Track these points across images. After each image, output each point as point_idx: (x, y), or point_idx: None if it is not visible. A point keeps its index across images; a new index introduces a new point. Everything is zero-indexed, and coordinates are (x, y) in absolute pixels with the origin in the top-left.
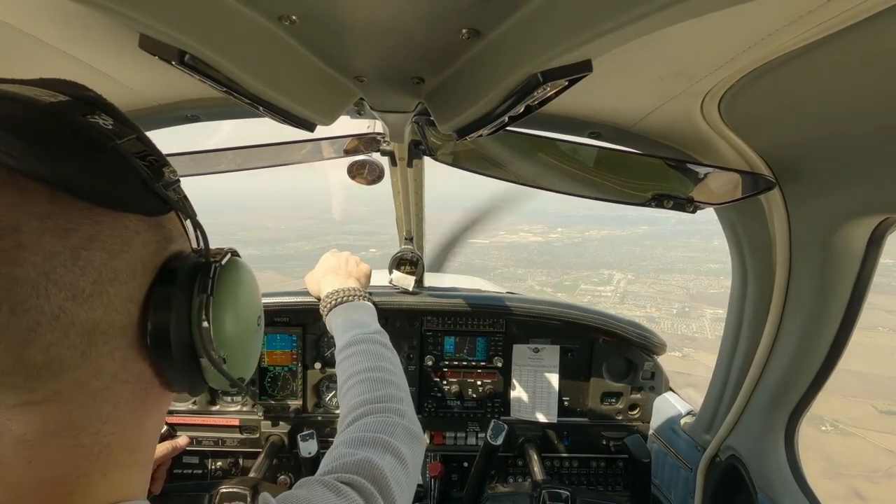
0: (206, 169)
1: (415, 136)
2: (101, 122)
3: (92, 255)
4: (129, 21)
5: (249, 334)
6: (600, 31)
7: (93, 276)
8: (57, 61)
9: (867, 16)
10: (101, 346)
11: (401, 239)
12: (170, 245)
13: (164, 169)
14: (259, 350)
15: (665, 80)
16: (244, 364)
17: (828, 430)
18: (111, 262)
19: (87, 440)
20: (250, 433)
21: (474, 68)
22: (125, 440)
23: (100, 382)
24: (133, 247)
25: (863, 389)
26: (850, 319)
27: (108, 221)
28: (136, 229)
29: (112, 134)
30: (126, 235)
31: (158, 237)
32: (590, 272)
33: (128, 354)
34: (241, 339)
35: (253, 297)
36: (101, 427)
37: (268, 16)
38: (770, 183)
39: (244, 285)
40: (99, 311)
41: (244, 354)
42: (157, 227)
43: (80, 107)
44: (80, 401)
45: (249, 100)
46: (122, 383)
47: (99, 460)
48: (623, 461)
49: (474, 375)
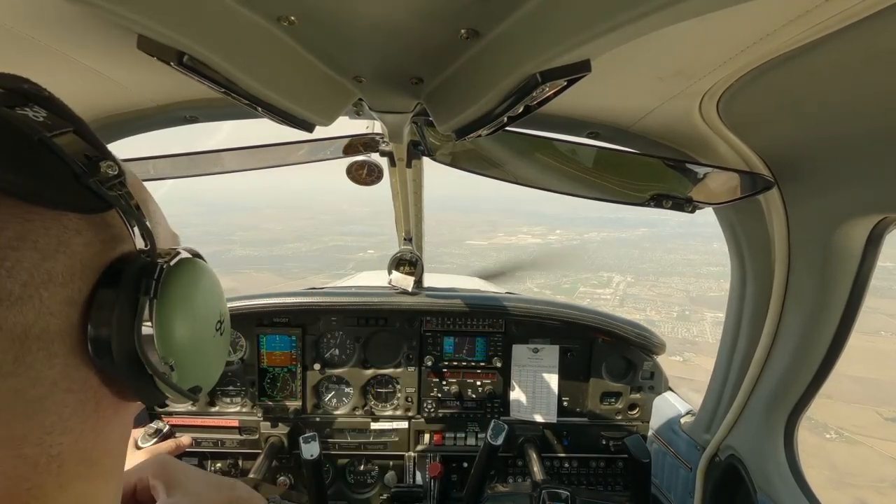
0: (206, 170)
1: (414, 137)
2: (30, 114)
3: (21, 255)
4: (127, 22)
5: (205, 341)
6: (599, 32)
7: (23, 278)
8: (56, 63)
9: (864, 16)
10: (37, 352)
11: (400, 239)
12: (118, 245)
13: (101, 163)
14: (222, 357)
15: (664, 80)
16: (199, 373)
17: (832, 438)
18: (44, 263)
19: (30, 451)
20: (249, 434)
21: (473, 69)
22: (80, 451)
23: (38, 391)
24: (72, 247)
25: (867, 395)
26: (848, 319)
27: (40, 220)
28: (75, 228)
29: (42, 126)
30: (63, 235)
31: (103, 237)
32: (589, 274)
33: (69, 361)
34: (193, 346)
35: (209, 300)
36: (45, 437)
37: (266, 16)
38: (769, 182)
39: (197, 287)
40: (30, 314)
41: (199, 362)
42: (102, 226)
43: (7, 98)
44: (17, 410)
45: (248, 100)
46: (64, 391)
47: (50, 471)
48: (623, 461)
49: (474, 376)
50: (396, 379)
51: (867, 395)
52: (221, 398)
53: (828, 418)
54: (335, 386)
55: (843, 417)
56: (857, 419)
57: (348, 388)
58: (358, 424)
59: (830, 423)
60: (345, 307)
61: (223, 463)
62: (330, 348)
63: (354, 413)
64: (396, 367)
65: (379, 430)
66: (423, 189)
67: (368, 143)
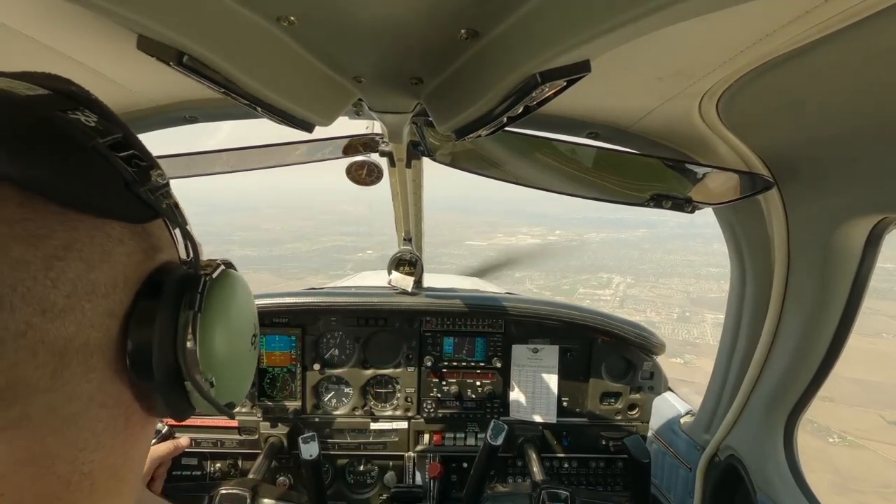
0: (205, 170)
1: (413, 137)
2: (82, 118)
3: (67, 265)
4: (127, 22)
5: (242, 356)
6: (599, 32)
7: (67, 289)
8: (55, 62)
9: (864, 16)
10: (75, 366)
11: (399, 239)
12: (157, 255)
13: (151, 172)
14: (253, 372)
15: (663, 80)
16: (235, 388)
17: (835, 442)
18: (89, 274)
19: (62, 469)
20: (249, 434)
21: (473, 69)
22: (110, 467)
23: (74, 406)
24: (115, 257)
25: (869, 399)
26: (848, 319)
27: (86, 228)
28: (118, 238)
29: (94, 132)
30: (107, 244)
31: (145, 246)
32: (589, 275)
33: (105, 375)
34: (232, 361)
35: (247, 314)
36: (77, 455)
37: (266, 16)
38: (768, 183)
39: (238, 301)
40: (72, 327)
41: (235, 377)
42: (144, 235)
43: (59, 101)
44: (51, 426)
45: (248, 100)
46: (99, 407)
47: (81, 490)
48: (622, 461)
49: (473, 376)
50: (396, 379)
51: (870, 398)
52: None
53: (830, 421)
54: (335, 386)
55: (845, 421)
56: (860, 422)
57: (348, 389)
58: (357, 425)
59: (833, 427)
60: (344, 307)
61: (223, 463)
62: (330, 348)
63: (354, 413)
64: (396, 368)
65: (378, 430)
66: (423, 189)
67: (368, 143)
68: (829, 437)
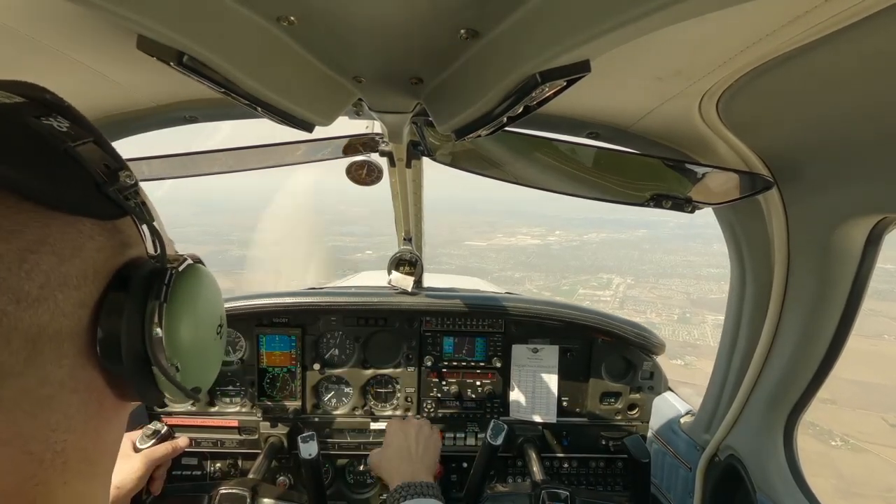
0: (205, 169)
1: (413, 137)
2: (55, 124)
3: (40, 258)
4: (127, 22)
5: (207, 344)
6: (598, 32)
7: (40, 280)
8: (54, 63)
9: (865, 16)
10: (48, 352)
11: (399, 239)
12: (127, 251)
13: (119, 173)
14: (220, 360)
15: (663, 80)
16: (201, 374)
17: (838, 446)
18: (61, 267)
19: (36, 447)
20: (249, 434)
21: (473, 69)
22: (82, 449)
23: (46, 390)
24: (85, 251)
25: (872, 401)
26: (848, 318)
27: (58, 225)
28: (89, 233)
29: (65, 136)
30: (79, 240)
31: (114, 242)
32: (588, 276)
33: (77, 362)
34: (197, 348)
35: (212, 305)
36: (50, 434)
37: (266, 16)
38: (768, 183)
39: (202, 293)
40: (45, 316)
41: (200, 364)
42: (114, 231)
43: (33, 108)
44: (25, 408)
45: (248, 100)
46: (70, 391)
47: (55, 468)
48: (622, 461)
49: (473, 376)
50: (396, 379)
51: (872, 401)
52: (221, 398)
53: (833, 424)
54: (335, 386)
55: (848, 424)
56: (863, 426)
57: (348, 388)
58: (357, 424)
59: (835, 430)
60: (344, 307)
61: (222, 463)
62: (329, 348)
63: (354, 413)
64: (396, 367)
65: (379, 430)
66: (423, 189)
67: (368, 143)
68: (831, 441)
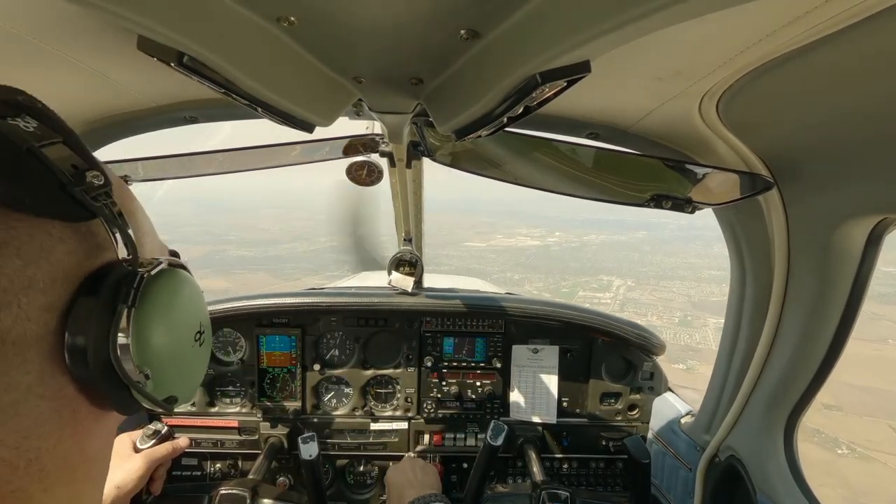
0: (205, 170)
1: (414, 137)
2: (21, 124)
3: (3, 261)
4: (127, 23)
5: (183, 351)
6: (599, 32)
7: (2, 284)
8: (55, 63)
9: (865, 16)
10: (12, 357)
11: (400, 240)
12: (102, 254)
13: (87, 173)
14: (202, 368)
15: (663, 80)
16: (177, 383)
17: (844, 454)
18: (26, 270)
19: (6, 454)
20: (249, 435)
21: (473, 69)
22: (60, 456)
23: (11, 396)
24: (55, 254)
25: (878, 408)
26: (848, 319)
27: (25, 227)
28: (59, 237)
29: (31, 136)
30: (47, 243)
31: (87, 245)
32: (589, 278)
33: (45, 368)
34: (170, 356)
35: (189, 310)
36: (21, 441)
37: (266, 17)
38: (768, 183)
39: (177, 298)
40: (7, 320)
41: (175, 372)
42: (87, 235)
43: (0, 108)
44: None
45: (248, 101)
46: (38, 398)
47: (30, 475)
48: (622, 462)
49: (473, 376)
50: (396, 379)
51: (878, 407)
52: (221, 399)
53: (839, 432)
54: (335, 386)
55: (854, 431)
56: (870, 433)
57: (348, 389)
58: (357, 425)
59: (841, 438)
60: (344, 307)
61: (222, 464)
62: (330, 349)
63: (354, 413)
64: (396, 368)
65: (378, 430)
66: (423, 190)
67: (368, 143)
68: (837, 449)
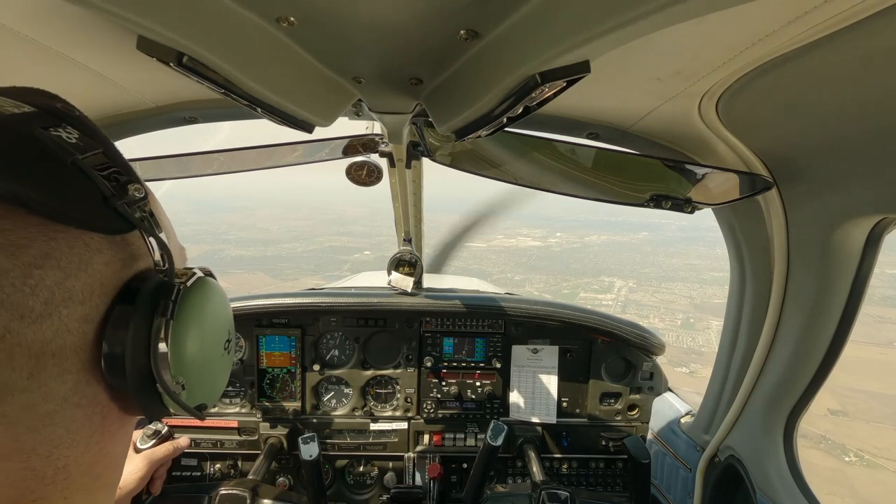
0: (205, 170)
1: (413, 138)
2: (63, 135)
3: (45, 273)
4: (127, 23)
5: (214, 360)
6: (598, 33)
7: (44, 296)
8: (55, 63)
9: (863, 17)
10: (51, 368)
11: (399, 240)
12: (135, 264)
13: (129, 186)
14: (227, 375)
15: (663, 80)
16: (207, 391)
17: (852, 462)
18: (66, 282)
19: (37, 463)
20: (249, 435)
21: (473, 69)
22: (86, 464)
23: (49, 406)
24: (93, 265)
25: (886, 413)
26: (848, 319)
27: (65, 238)
28: (97, 247)
29: (74, 148)
30: (86, 254)
31: (123, 255)
32: (590, 279)
33: (80, 377)
34: (203, 366)
35: (220, 321)
36: (52, 451)
37: (266, 17)
38: (768, 183)
39: (210, 308)
40: (49, 332)
41: (207, 381)
42: (122, 245)
43: (42, 118)
44: (27, 424)
45: (247, 101)
46: (73, 407)
47: (56, 484)
48: (622, 462)
49: (473, 376)
50: (396, 380)
51: (886, 413)
52: (221, 399)
53: (846, 439)
54: (334, 387)
55: (862, 438)
56: (878, 440)
57: (348, 389)
58: (357, 425)
59: (849, 445)
60: (344, 308)
61: (222, 464)
62: (329, 349)
63: (354, 414)
64: (396, 368)
65: (378, 430)
66: (423, 190)
67: (368, 143)
68: (845, 457)
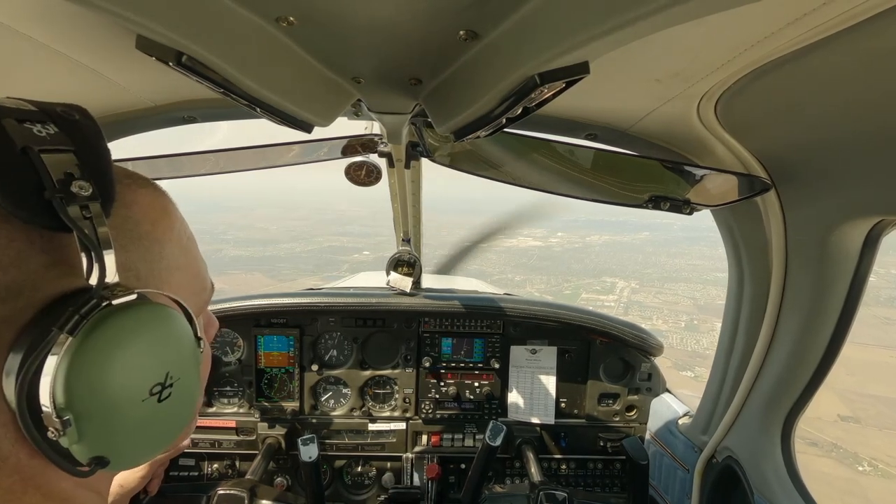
0: (204, 170)
1: (412, 138)
2: (36, 129)
3: None
4: (126, 22)
5: (126, 402)
6: (597, 34)
7: None
8: (55, 62)
9: (862, 19)
10: None
11: (398, 240)
12: (77, 279)
13: (74, 182)
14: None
15: (662, 82)
16: (110, 441)
17: (866, 471)
18: None
19: None
20: (247, 435)
21: (472, 70)
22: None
23: None
24: (29, 264)
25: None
26: (845, 320)
27: (7, 230)
28: (41, 247)
29: (36, 140)
30: (27, 250)
31: (73, 262)
32: (592, 279)
33: None
34: (107, 406)
35: (154, 356)
36: None
37: (265, 17)
38: (766, 185)
39: (138, 337)
40: None
41: (110, 428)
42: (70, 252)
43: (24, 113)
44: None
45: (247, 101)
46: None
47: None
48: (620, 462)
49: (472, 377)
50: (394, 380)
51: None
52: (219, 399)
53: (858, 447)
54: (333, 387)
55: (876, 447)
56: (891, 448)
57: (346, 389)
58: (355, 425)
59: (862, 454)
60: (343, 308)
61: (220, 464)
62: (328, 349)
63: (352, 414)
64: (394, 368)
65: (376, 431)
66: (422, 190)
67: (367, 143)
68: (858, 466)
